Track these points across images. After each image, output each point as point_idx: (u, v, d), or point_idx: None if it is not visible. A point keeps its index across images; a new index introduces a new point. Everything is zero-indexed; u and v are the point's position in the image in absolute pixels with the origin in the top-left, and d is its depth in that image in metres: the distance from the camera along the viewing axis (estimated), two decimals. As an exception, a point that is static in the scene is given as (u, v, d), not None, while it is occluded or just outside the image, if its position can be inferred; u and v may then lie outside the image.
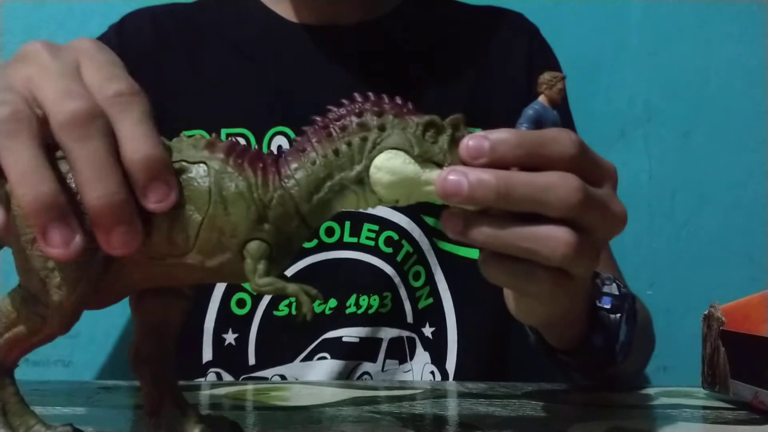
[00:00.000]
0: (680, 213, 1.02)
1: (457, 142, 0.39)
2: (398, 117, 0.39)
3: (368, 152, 0.39)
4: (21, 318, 0.37)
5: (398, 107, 0.40)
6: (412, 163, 0.39)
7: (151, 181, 0.36)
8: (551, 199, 0.39)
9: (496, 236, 0.39)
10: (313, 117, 0.40)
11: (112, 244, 0.36)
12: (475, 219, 0.39)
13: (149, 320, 0.41)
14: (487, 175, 0.38)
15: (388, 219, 0.77)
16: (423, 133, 0.39)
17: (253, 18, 0.83)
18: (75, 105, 0.35)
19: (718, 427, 0.51)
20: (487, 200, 0.38)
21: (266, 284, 0.37)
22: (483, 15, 0.87)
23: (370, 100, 0.40)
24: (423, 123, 0.39)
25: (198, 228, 0.37)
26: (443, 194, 0.38)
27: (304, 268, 0.76)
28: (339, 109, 0.40)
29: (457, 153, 0.39)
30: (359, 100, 0.40)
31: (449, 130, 0.39)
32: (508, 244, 0.40)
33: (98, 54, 0.39)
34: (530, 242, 0.39)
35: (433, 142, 0.39)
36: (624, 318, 0.58)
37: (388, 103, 0.40)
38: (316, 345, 0.76)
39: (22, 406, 0.38)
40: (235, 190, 0.38)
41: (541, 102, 0.43)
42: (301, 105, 0.41)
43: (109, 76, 0.37)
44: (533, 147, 0.40)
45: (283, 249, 0.39)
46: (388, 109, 0.39)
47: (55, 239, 0.35)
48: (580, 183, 0.39)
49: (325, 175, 0.39)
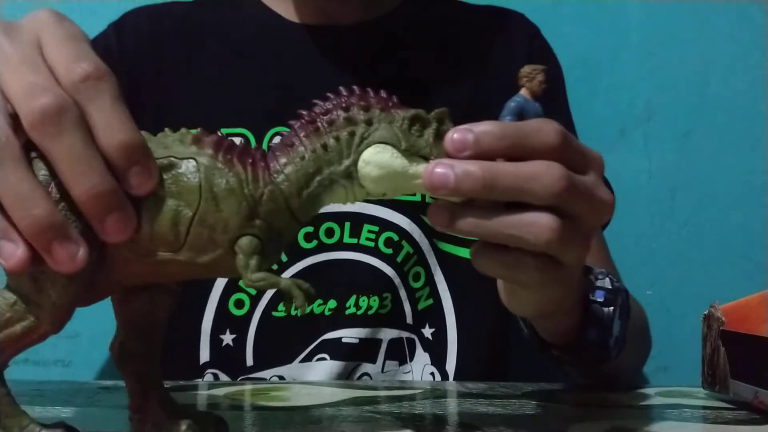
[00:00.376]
0: (680, 213, 1.02)
1: (442, 135, 0.40)
2: (384, 111, 0.40)
3: (356, 146, 0.39)
4: (14, 318, 0.37)
5: (384, 101, 0.40)
6: (399, 156, 0.39)
7: (130, 166, 0.36)
8: (536, 187, 0.40)
9: (481, 225, 0.40)
10: (299, 111, 0.40)
11: (108, 233, 0.36)
12: (460, 210, 0.40)
13: (134, 316, 0.41)
14: (473, 167, 0.39)
15: (388, 220, 0.77)
16: (409, 127, 0.39)
17: (252, 17, 0.83)
18: (42, 101, 0.35)
19: (718, 427, 0.51)
20: (473, 191, 0.39)
21: (259, 279, 0.37)
22: (484, 15, 0.87)
23: (356, 94, 0.40)
24: (409, 117, 0.39)
25: (189, 224, 0.37)
26: (430, 187, 0.39)
27: (304, 269, 0.76)
28: (325, 103, 0.40)
29: (442, 146, 0.40)
30: (345, 94, 0.40)
31: (434, 124, 0.40)
32: (493, 233, 0.40)
33: (59, 28, 0.38)
34: (515, 229, 0.40)
35: (419, 135, 0.40)
36: (617, 312, 0.58)
37: (373, 97, 0.40)
38: (316, 346, 0.76)
39: (14, 406, 0.38)
40: (226, 186, 0.38)
41: (522, 95, 0.44)
42: (301, 105, 0.41)
43: (74, 56, 0.37)
44: (517, 138, 0.40)
45: (274, 244, 0.39)
46: (374, 103, 0.40)
47: (60, 257, 0.35)
48: (563, 171, 0.40)
49: (314, 170, 0.39)
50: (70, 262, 0.35)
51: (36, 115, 0.35)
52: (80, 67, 0.36)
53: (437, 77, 0.82)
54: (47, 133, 0.35)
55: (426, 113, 0.40)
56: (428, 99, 0.70)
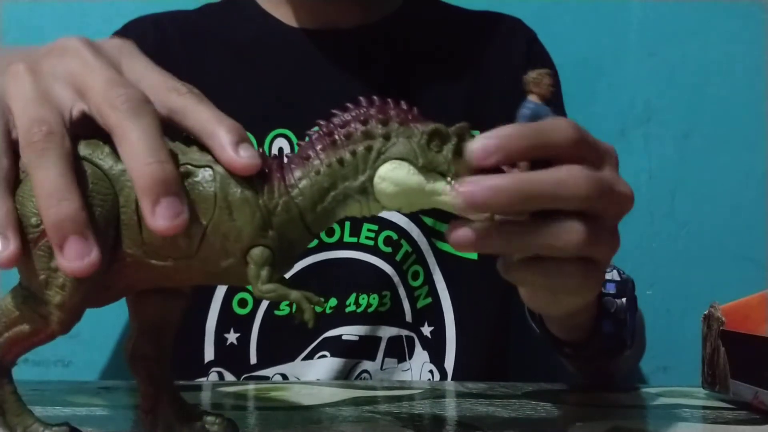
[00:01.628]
0: (680, 213, 1.02)
1: (461, 151, 0.38)
2: (403, 125, 0.39)
3: (372, 162, 0.38)
4: (22, 317, 0.37)
5: (403, 114, 0.39)
6: (416, 173, 0.38)
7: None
8: (565, 194, 0.39)
9: (512, 242, 0.40)
10: (318, 121, 0.39)
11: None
12: (485, 229, 0.39)
13: (147, 319, 0.41)
14: (502, 181, 0.38)
15: (388, 219, 0.78)
16: (428, 143, 0.38)
17: (252, 23, 0.84)
18: (125, 90, 0.36)
19: (718, 427, 0.51)
20: (506, 206, 0.38)
21: (269, 290, 0.37)
22: (481, 19, 0.88)
23: (375, 105, 0.39)
24: (428, 132, 0.38)
25: (202, 232, 0.37)
26: (462, 207, 0.38)
27: (304, 267, 0.76)
28: (344, 115, 0.39)
29: (461, 162, 0.38)
30: (364, 105, 0.39)
31: (454, 139, 0.38)
32: (525, 247, 0.40)
33: (95, 56, 0.39)
34: (546, 240, 0.40)
35: (437, 151, 0.38)
36: (628, 303, 0.58)
37: (393, 109, 0.39)
38: (317, 344, 0.77)
39: (19, 405, 0.38)
40: (241, 195, 0.37)
41: (532, 100, 0.44)
42: (301, 107, 0.42)
43: (114, 81, 0.37)
44: (536, 138, 0.40)
45: (286, 255, 0.39)
46: (393, 116, 0.39)
47: (71, 253, 0.35)
48: (587, 173, 0.40)
49: (329, 185, 0.39)
50: (79, 261, 0.35)
51: (121, 98, 0.36)
52: (119, 92, 0.37)
53: (434, 81, 0.82)
54: (128, 113, 0.36)
55: (446, 128, 0.38)
56: (425, 102, 0.70)
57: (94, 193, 0.37)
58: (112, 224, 0.37)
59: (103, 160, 0.38)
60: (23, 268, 0.38)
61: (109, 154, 0.38)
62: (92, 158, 0.38)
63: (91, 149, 0.38)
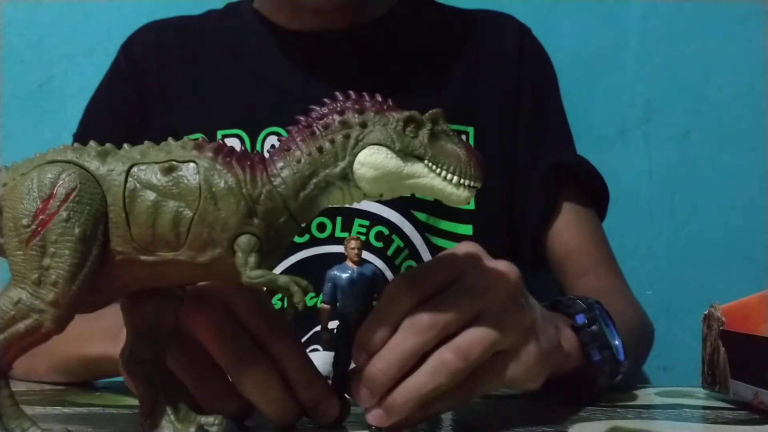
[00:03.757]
0: (680, 213, 1.02)
1: (437, 135, 0.40)
2: (379, 114, 0.41)
3: (351, 149, 0.40)
4: (17, 317, 0.38)
5: (379, 104, 0.41)
6: (394, 157, 0.40)
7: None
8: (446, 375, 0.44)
9: (413, 398, 0.44)
10: (297, 116, 0.41)
11: None
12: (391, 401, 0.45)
13: (142, 322, 0.41)
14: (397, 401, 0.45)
15: (379, 214, 0.78)
16: (403, 128, 0.40)
17: (249, 26, 0.86)
18: None
19: (718, 427, 0.51)
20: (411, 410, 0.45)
21: (257, 276, 0.38)
22: (473, 17, 0.89)
23: (351, 98, 0.41)
24: (403, 118, 0.40)
25: (189, 224, 0.38)
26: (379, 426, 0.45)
27: (296, 263, 0.77)
28: (321, 108, 0.41)
29: (437, 146, 0.40)
30: (341, 98, 0.41)
31: (429, 125, 0.40)
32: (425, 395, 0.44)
33: None
34: (432, 380, 0.44)
35: (413, 136, 0.40)
36: (602, 324, 0.58)
37: (369, 100, 0.41)
38: (309, 338, 0.77)
39: (16, 408, 0.39)
40: (225, 186, 0.38)
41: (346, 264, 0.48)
42: (293, 105, 0.42)
43: None
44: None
45: (273, 243, 0.40)
46: (368, 107, 0.41)
47: None
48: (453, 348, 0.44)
49: (310, 173, 0.40)
50: None
51: None
52: None
53: (427, 79, 0.83)
54: None
55: (420, 114, 0.40)
56: (419, 100, 0.71)
57: (83, 192, 0.38)
58: (101, 222, 0.38)
59: (89, 162, 0.39)
60: (16, 267, 0.38)
61: (95, 157, 0.39)
62: (79, 161, 0.39)
63: (78, 153, 0.40)
